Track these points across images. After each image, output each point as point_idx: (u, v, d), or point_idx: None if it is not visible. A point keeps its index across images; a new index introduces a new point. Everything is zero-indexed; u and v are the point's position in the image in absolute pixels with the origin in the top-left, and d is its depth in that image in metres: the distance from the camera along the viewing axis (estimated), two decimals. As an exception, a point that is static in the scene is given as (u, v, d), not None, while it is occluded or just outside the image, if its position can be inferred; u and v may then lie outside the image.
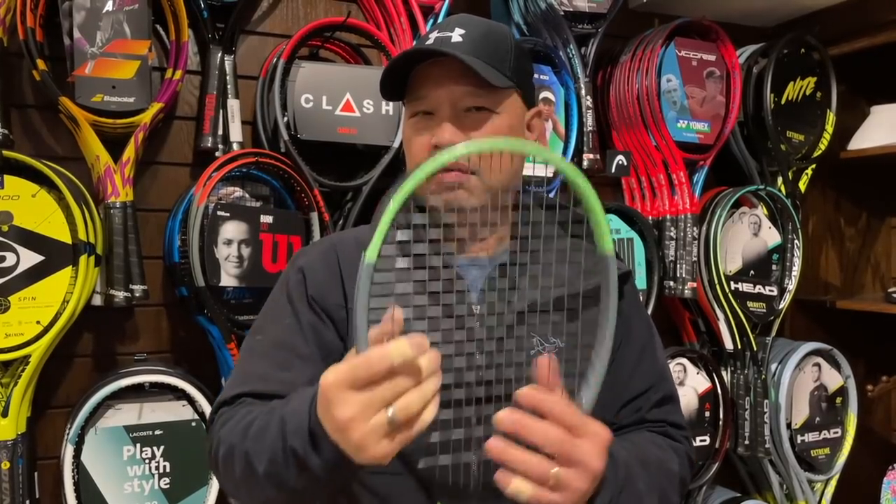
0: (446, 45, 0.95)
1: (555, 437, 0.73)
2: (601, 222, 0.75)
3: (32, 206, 1.46)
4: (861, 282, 2.57)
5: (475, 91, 0.96)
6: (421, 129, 0.98)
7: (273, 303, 1.03)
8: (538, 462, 0.73)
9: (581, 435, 0.75)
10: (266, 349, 0.97)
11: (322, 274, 1.00)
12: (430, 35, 0.99)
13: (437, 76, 0.96)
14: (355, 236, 1.05)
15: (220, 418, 0.93)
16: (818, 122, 2.26)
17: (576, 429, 0.74)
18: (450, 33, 0.97)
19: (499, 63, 0.98)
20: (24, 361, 1.46)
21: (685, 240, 2.02)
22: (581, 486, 0.74)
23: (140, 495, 1.55)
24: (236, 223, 1.61)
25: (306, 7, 1.86)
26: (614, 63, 2.08)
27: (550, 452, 0.73)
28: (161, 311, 1.73)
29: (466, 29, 0.97)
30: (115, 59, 1.53)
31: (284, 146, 1.65)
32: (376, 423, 0.68)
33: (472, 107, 0.97)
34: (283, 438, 0.78)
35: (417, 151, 0.99)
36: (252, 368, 0.96)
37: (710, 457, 2.09)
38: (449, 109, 0.97)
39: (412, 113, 1.00)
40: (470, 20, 1.00)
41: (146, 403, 1.56)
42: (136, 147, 1.57)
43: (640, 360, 1.05)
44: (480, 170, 0.95)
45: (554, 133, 1.93)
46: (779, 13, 2.29)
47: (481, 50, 0.96)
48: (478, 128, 0.97)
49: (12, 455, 1.45)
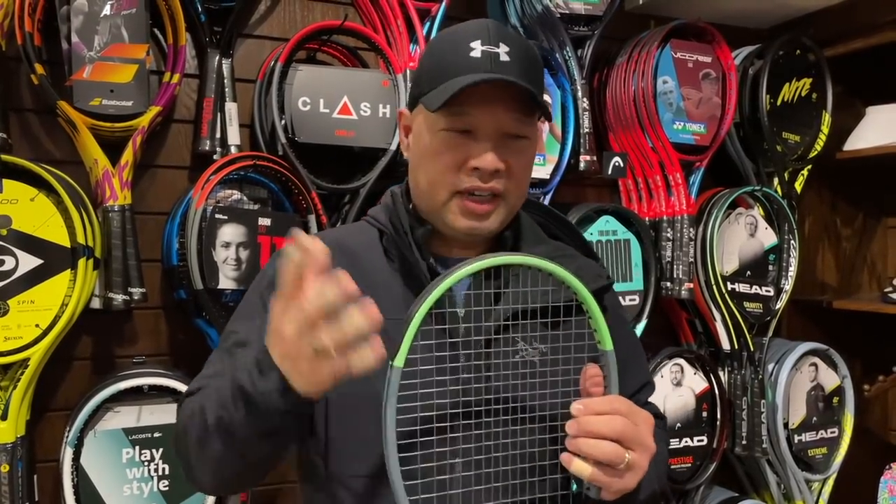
0: (496, 64, 0.92)
1: (621, 426, 0.81)
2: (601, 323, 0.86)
3: (31, 209, 1.46)
4: (857, 282, 2.58)
5: (522, 119, 0.95)
6: (456, 146, 0.94)
7: (245, 303, 1.04)
8: (614, 449, 0.81)
9: (637, 422, 0.83)
10: (232, 348, 0.97)
11: None
12: (472, 45, 0.92)
13: (487, 96, 0.92)
14: (336, 238, 1.04)
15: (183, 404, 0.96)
16: (814, 122, 2.26)
17: (633, 416, 0.83)
18: (496, 49, 0.92)
19: (540, 88, 0.97)
20: (24, 364, 1.46)
21: (682, 241, 2.03)
22: (644, 465, 0.83)
23: (139, 497, 1.55)
24: (234, 226, 1.61)
25: (303, 10, 1.87)
26: (610, 65, 2.09)
27: (618, 438, 0.81)
28: (159, 314, 1.73)
29: (510, 46, 0.93)
30: (112, 63, 1.54)
31: (282, 149, 1.66)
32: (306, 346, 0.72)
33: (516, 134, 0.95)
34: (232, 379, 0.81)
35: (448, 168, 0.94)
36: (217, 366, 0.97)
37: (708, 457, 2.10)
38: (494, 133, 0.93)
39: (448, 127, 0.94)
40: (507, 33, 0.95)
41: (145, 406, 1.56)
42: (134, 150, 1.57)
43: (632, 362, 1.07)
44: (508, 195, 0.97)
45: (550, 135, 1.94)
46: (774, 15, 2.30)
47: (530, 73, 0.94)
48: (519, 156, 0.96)
49: (11, 458, 1.45)
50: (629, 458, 0.81)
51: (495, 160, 0.93)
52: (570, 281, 0.84)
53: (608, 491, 0.83)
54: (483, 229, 0.97)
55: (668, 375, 2.05)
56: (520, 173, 0.97)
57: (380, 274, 0.99)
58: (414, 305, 0.80)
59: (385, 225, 1.02)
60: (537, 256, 0.84)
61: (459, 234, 0.98)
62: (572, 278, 0.84)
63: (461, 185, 0.94)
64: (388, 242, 1.01)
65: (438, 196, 0.96)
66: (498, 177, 0.94)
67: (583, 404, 0.83)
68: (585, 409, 0.82)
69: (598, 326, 0.86)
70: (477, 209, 0.95)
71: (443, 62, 0.94)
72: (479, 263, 0.81)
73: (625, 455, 0.81)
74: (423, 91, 0.95)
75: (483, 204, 0.95)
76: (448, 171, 0.94)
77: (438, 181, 0.95)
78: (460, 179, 0.94)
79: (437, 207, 0.97)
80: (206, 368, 1.00)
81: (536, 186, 1.92)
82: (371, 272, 0.98)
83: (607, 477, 0.81)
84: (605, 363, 0.86)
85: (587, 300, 0.85)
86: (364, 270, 0.97)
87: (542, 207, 1.13)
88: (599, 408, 0.82)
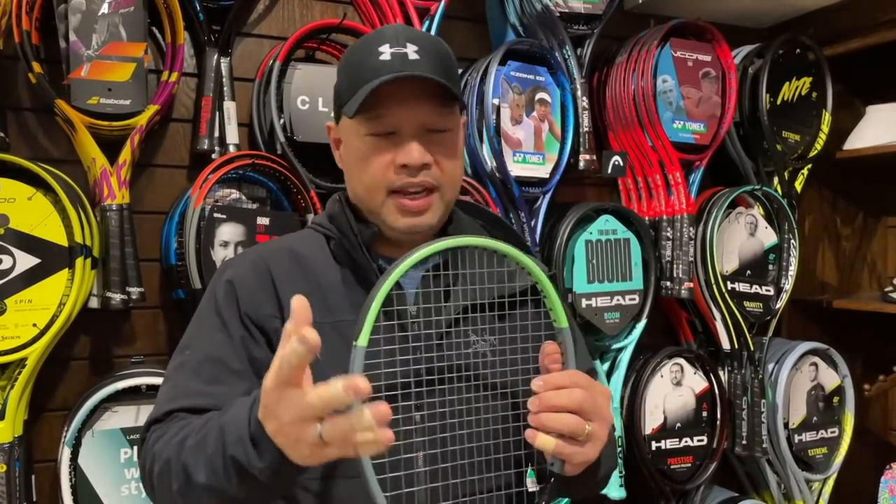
0: (405, 63, 0.94)
1: (580, 397, 0.83)
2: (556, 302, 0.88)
3: (29, 208, 1.46)
4: (857, 281, 2.57)
5: (440, 112, 0.97)
6: (382, 148, 0.97)
7: (201, 317, 1.02)
8: (575, 420, 0.83)
9: (595, 393, 0.86)
10: (197, 364, 0.96)
11: (252, 285, 1.00)
12: (380, 49, 0.96)
13: (401, 95, 0.95)
14: (286, 246, 1.05)
15: (152, 435, 0.92)
16: (814, 122, 2.26)
17: (590, 388, 0.85)
18: (403, 49, 0.95)
19: (454, 81, 1.00)
20: (21, 364, 1.46)
21: (682, 240, 2.03)
22: (604, 437, 0.86)
23: (137, 497, 1.55)
24: (233, 225, 1.61)
25: (302, 9, 1.87)
26: (610, 64, 2.08)
27: (578, 411, 0.83)
28: (158, 314, 1.73)
29: (418, 45, 0.96)
30: (110, 62, 1.53)
31: (281, 148, 1.65)
32: (309, 434, 0.70)
33: (437, 128, 0.98)
34: (223, 448, 0.79)
35: (378, 170, 0.97)
36: (183, 384, 0.95)
37: (708, 456, 2.09)
38: (415, 129, 0.96)
39: (371, 131, 0.97)
40: (414, 33, 0.99)
41: (143, 406, 1.56)
42: (132, 149, 1.57)
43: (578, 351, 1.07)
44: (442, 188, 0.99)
45: (550, 134, 1.93)
46: (774, 14, 2.30)
47: (440, 68, 0.96)
48: (444, 148, 0.99)
49: (9, 458, 1.45)
50: (589, 429, 0.83)
51: (422, 153, 0.96)
52: (523, 261, 0.86)
53: (571, 463, 0.86)
54: (422, 225, 0.99)
55: (668, 375, 2.04)
56: (449, 165, 0.99)
57: (331, 278, 1.01)
58: (374, 288, 0.80)
59: (331, 230, 1.04)
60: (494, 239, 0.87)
61: (400, 234, 1.00)
62: (526, 258, 0.86)
63: (393, 184, 0.97)
64: (336, 247, 1.03)
65: (375, 198, 0.99)
66: (427, 170, 0.97)
67: (542, 380, 0.85)
68: (545, 384, 0.84)
69: (553, 305, 0.88)
70: (412, 206, 0.98)
71: (356, 69, 0.97)
72: (438, 244, 0.82)
73: (585, 426, 0.83)
74: (344, 101, 0.98)
75: (417, 200, 0.97)
76: (378, 173, 0.97)
77: (371, 184, 0.98)
78: (391, 179, 0.97)
79: (376, 209, 1.00)
80: (168, 385, 0.98)
81: (536, 185, 1.92)
82: (322, 277, 1.00)
83: (570, 448, 0.83)
84: (562, 340, 0.89)
85: (541, 280, 0.87)
86: (315, 275, 1.00)
87: (476, 208, 1.16)
88: (559, 381, 0.85)
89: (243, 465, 0.76)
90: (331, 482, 0.93)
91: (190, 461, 0.83)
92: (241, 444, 0.77)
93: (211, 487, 0.81)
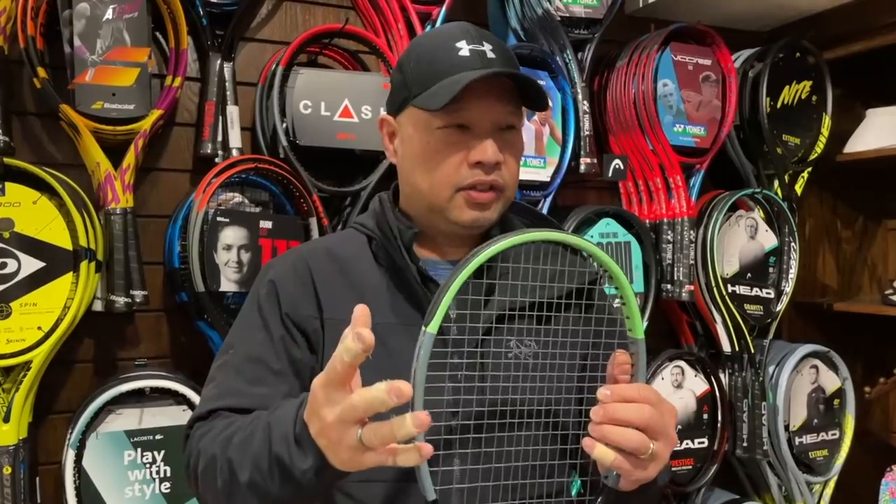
0: (486, 60, 0.94)
1: (649, 415, 0.79)
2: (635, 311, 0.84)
3: (33, 212, 1.47)
4: (858, 284, 2.58)
5: (514, 111, 0.98)
6: (455, 142, 0.95)
7: (244, 317, 1.03)
8: (640, 438, 0.79)
9: (664, 412, 0.82)
10: (239, 364, 0.97)
11: (293, 285, 1.00)
12: (457, 45, 0.95)
13: (481, 92, 0.93)
14: (325, 246, 1.05)
15: (196, 432, 0.93)
16: (814, 125, 2.27)
17: (658, 405, 0.81)
18: (482, 47, 0.95)
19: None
20: (26, 367, 1.47)
21: (682, 243, 2.03)
22: (666, 457, 0.82)
23: (141, 499, 1.56)
24: (236, 228, 1.62)
25: (305, 14, 1.88)
26: (611, 68, 2.09)
27: (644, 428, 0.79)
28: (161, 317, 1.74)
29: (492, 44, 0.96)
30: (115, 67, 1.54)
31: (283, 152, 1.66)
32: (350, 436, 0.70)
33: (508, 125, 0.98)
34: (269, 445, 0.79)
35: (451, 165, 0.96)
36: (226, 384, 0.96)
37: (709, 459, 2.10)
38: (490, 126, 0.96)
39: (446, 123, 0.95)
40: (486, 33, 0.99)
41: (147, 408, 1.57)
42: (136, 154, 1.58)
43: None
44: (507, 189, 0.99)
45: (551, 138, 1.94)
46: (774, 18, 2.30)
47: (513, 67, 0.97)
48: (513, 148, 0.99)
49: (14, 460, 1.46)
50: (653, 448, 0.79)
51: (496, 152, 0.95)
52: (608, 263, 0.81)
53: (627, 479, 0.82)
54: (486, 220, 0.98)
55: (669, 377, 2.05)
56: (514, 166, 1.00)
57: (370, 279, 1.00)
58: (452, 273, 0.78)
59: (374, 231, 1.03)
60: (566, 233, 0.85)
61: (461, 228, 0.99)
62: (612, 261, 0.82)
63: (464, 180, 0.96)
64: (377, 248, 1.02)
65: (442, 194, 0.97)
66: (498, 170, 0.96)
67: (610, 390, 0.80)
68: (613, 395, 0.80)
69: (631, 314, 0.83)
70: (481, 198, 0.96)
71: (430, 63, 0.96)
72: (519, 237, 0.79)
73: (650, 445, 0.79)
74: (414, 93, 0.97)
75: (485, 193, 0.97)
76: (450, 168, 0.96)
77: (441, 180, 0.96)
78: (463, 175, 0.96)
79: (439, 206, 0.98)
80: (212, 385, 0.98)
81: (537, 189, 1.93)
82: (362, 278, 1.00)
83: (630, 465, 0.79)
84: (635, 351, 0.85)
85: (623, 285, 0.82)
86: (355, 276, 1.00)
87: (524, 207, 1.14)
88: (628, 394, 0.80)
89: (286, 464, 0.76)
90: (367, 485, 0.93)
91: (235, 457, 0.83)
92: (286, 442, 0.77)
93: (255, 485, 0.81)
